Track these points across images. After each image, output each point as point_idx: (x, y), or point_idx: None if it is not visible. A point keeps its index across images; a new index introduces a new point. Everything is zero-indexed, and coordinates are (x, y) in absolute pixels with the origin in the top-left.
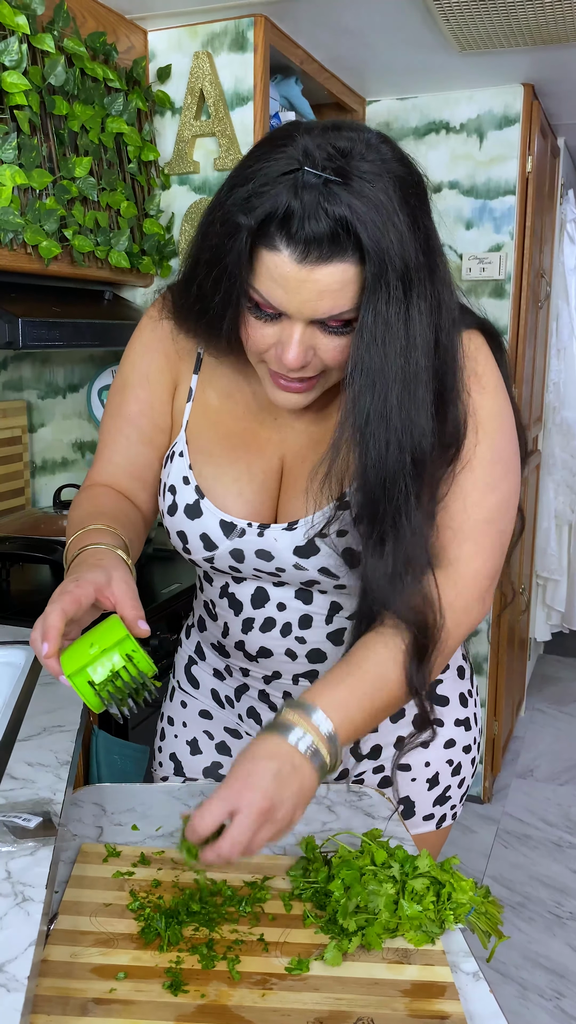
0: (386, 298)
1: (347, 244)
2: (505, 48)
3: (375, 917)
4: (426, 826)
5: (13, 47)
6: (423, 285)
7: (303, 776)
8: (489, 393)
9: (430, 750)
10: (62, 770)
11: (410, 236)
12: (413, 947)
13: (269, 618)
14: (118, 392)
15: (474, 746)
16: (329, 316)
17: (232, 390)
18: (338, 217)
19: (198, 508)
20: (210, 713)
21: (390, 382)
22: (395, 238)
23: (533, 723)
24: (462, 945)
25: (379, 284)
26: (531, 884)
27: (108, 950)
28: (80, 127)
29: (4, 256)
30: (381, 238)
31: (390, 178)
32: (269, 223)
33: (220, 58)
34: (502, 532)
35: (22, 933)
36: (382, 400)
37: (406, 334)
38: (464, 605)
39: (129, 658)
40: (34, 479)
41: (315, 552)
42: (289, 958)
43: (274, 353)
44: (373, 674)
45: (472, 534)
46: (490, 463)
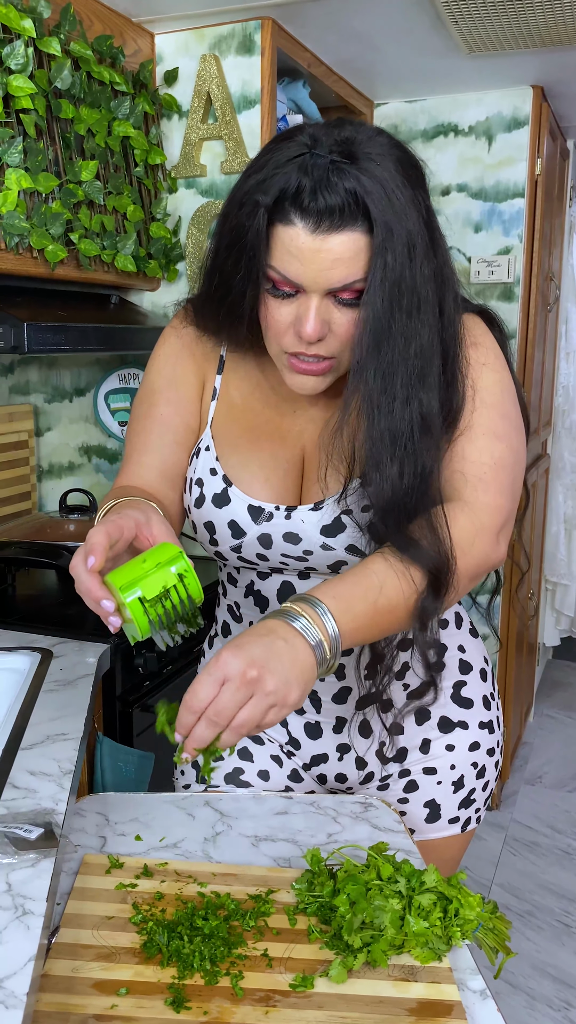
0: (392, 262)
1: (357, 214)
2: (514, 50)
3: (381, 933)
4: (451, 829)
5: (19, 51)
6: (425, 253)
7: (298, 651)
8: (489, 366)
9: (455, 753)
10: (65, 780)
11: (412, 209)
12: (419, 964)
13: None
14: (146, 398)
15: (497, 749)
16: (343, 284)
17: (253, 387)
18: (347, 189)
19: (226, 496)
20: None
21: (397, 339)
22: (399, 209)
23: (542, 729)
24: (469, 962)
25: (385, 249)
26: (539, 892)
27: (110, 965)
28: (86, 131)
29: (9, 260)
30: (386, 208)
31: (392, 159)
32: (283, 200)
33: (227, 61)
34: (512, 479)
35: (22, 948)
36: (390, 356)
37: (412, 294)
38: (473, 530)
39: (181, 579)
40: (40, 483)
41: (341, 530)
42: (293, 974)
43: (292, 332)
44: (381, 572)
45: (481, 476)
46: (499, 417)
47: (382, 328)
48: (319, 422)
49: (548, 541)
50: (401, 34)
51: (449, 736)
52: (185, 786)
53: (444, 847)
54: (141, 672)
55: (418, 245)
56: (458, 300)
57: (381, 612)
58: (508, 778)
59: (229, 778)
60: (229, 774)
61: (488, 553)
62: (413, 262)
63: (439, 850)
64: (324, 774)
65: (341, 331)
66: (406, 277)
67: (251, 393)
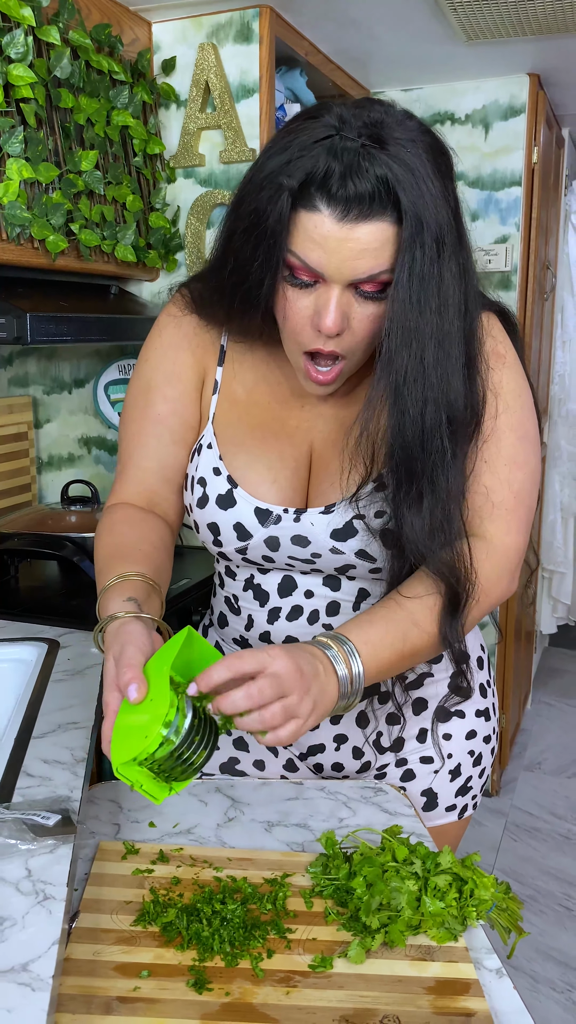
0: (421, 257)
1: (386, 202)
2: (511, 38)
3: (398, 914)
4: (448, 817)
5: (19, 39)
6: (454, 248)
7: (329, 685)
8: (510, 370)
9: (452, 742)
10: (78, 767)
11: (442, 200)
12: (436, 944)
13: (296, 606)
14: (141, 395)
15: (493, 736)
16: (368, 276)
17: (259, 380)
18: (378, 176)
19: (231, 498)
20: None
21: (425, 339)
22: (430, 201)
23: (540, 716)
24: (484, 942)
25: (415, 243)
26: (541, 877)
27: (130, 948)
28: (86, 120)
29: (11, 251)
30: (417, 199)
31: (423, 145)
32: (309, 184)
33: (225, 49)
34: (529, 508)
35: (45, 932)
36: (418, 357)
37: (439, 293)
38: (496, 575)
39: (176, 731)
40: (40, 475)
41: (353, 535)
42: (312, 955)
43: (311, 327)
44: (406, 619)
45: (503, 511)
46: (519, 439)
47: (410, 325)
48: (329, 418)
49: (545, 529)
50: (399, 21)
51: (446, 725)
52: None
53: (441, 834)
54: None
55: (447, 239)
56: (477, 296)
57: (404, 657)
58: (507, 765)
59: (224, 767)
60: (224, 763)
61: (505, 593)
62: (442, 256)
63: (436, 837)
64: (320, 763)
65: (360, 326)
66: (435, 272)
67: (256, 386)
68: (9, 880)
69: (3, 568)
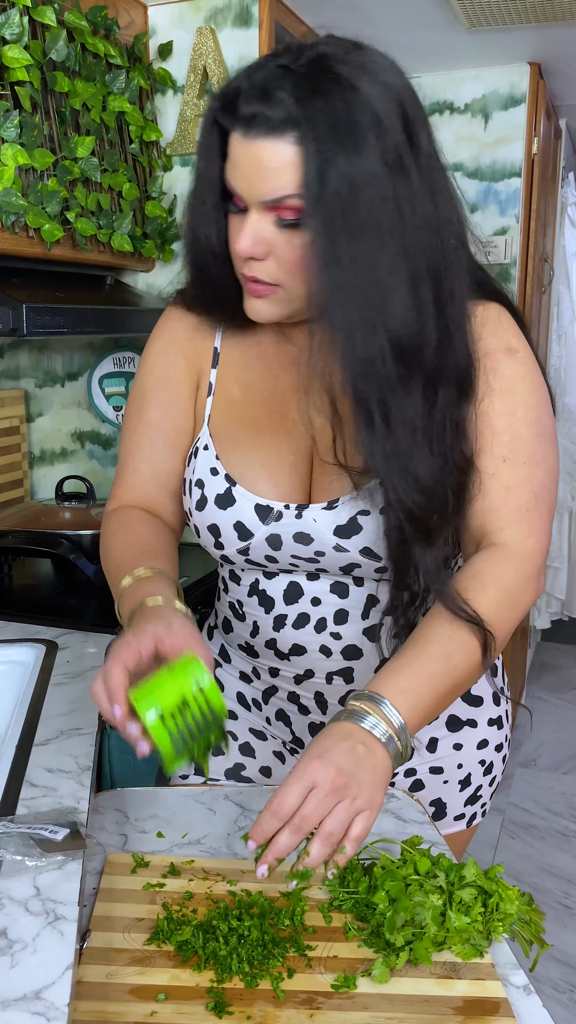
0: (333, 181)
1: (290, 123)
2: (513, 25)
3: (422, 931)
4: (456, 825)
5: (14, 20)
6: (390, 178)
7: (377, 756)
8: (523, 365)
9: (462, 752)
10: (84, 776)
11: (368, 130)
12: (461, 961)
13: (303, 614)
14: (137, 399)
15: (505, 743)
16: (273, 198)
17: (253, 379)
18: (288, 94)
19: (230, 496)
20: (235, 713)
21: (348, 266)
22: (346, 125)
23: (535, 712)
24: (510, 957)
25: (323, 167)
26: (539, 875)
27: (145, 969)
28: (82, 105)
29: (5, 239)
30: (329, 122)
31: (360, 71)
32: (227, 106)
33: (223, 34)
34: (550, 507)
35: (57, 955)
36: (339, 282)
37: (359, 216)
38: (522, 584)
39: (202, 692)
40: (32, 470)
41: (357, 531)
42: (334, 974)
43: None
44: (439, 657)
45: (524, 512)
46: (537, 436)
47: (325, 251)
48: (327, 413)
49: None
50: (401, 7)
51: (457, 735)
52: (183, 776)
53: (449, 842)
54: None
55: (375, 168)
56: (462, 241)
57: (448, 691)
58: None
59: (230, 773)
60: (230, 769)
61: (534, 597)
62: (364, 183)
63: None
64: None
65: (283, 255)
66: (352, 197)
67: (251, 384)
68: (18, 899)
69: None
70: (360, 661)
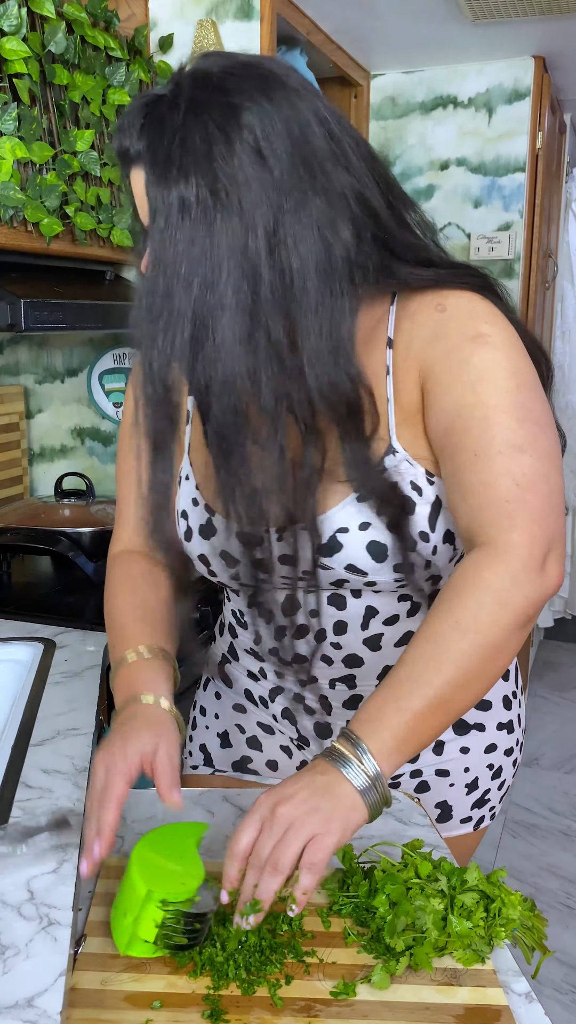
0: (158, 197)
1: (137, 151)
2: (517, 18)
3: (423, 936)
4: (463, 829)
5: (12, 11)
6: (221, 211)
7: (334, 783)
8: (495, 349)
9: (469, 756)
10: (80, 777)
11: (203, 162)
12: (462, 967)
13: (302, 625)
14: (125, 429)
15: (516, 747)
16: (147, 221)
17: None
18: (134, 127)
19: (211, 527)
20: (244, 707)
21: (146, 291)
22: (176, 144)
23: (536, 710)
24: (511, 963)
25: (156, 185)
26: (541, 875)
27: (140, 975)
28: (81, 98)
29: (4, 234)
30: (161, 147)
31: (202, 79)
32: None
33: (225, 27)
34: (545, 494)
35: (50, 961)
36: (141, 308)
37: (156, 245)
38: (508, 582)
39: (164, 902)
40: (32, 467)
41: (338, 549)
42: (333, 981)
43: None
44: (406, 679)
45: (503, 505)
46: (518, 422)
47: (157, 260)
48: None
49: None
50: (404, 0)
51: (464, 738)
52: (193, 767)
53: (455, 846)
54: None
55: (201, 193)
56: (331, 299)
57: (439, 714)
58: None
59: (237, 766)
60: (237, 762)
61: (535, 591)
62: (191, 207)
63: (451, 848)
64: None
65: None
66: (177, 216)
67: None
68: (11, 903)
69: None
70: (362, 668)
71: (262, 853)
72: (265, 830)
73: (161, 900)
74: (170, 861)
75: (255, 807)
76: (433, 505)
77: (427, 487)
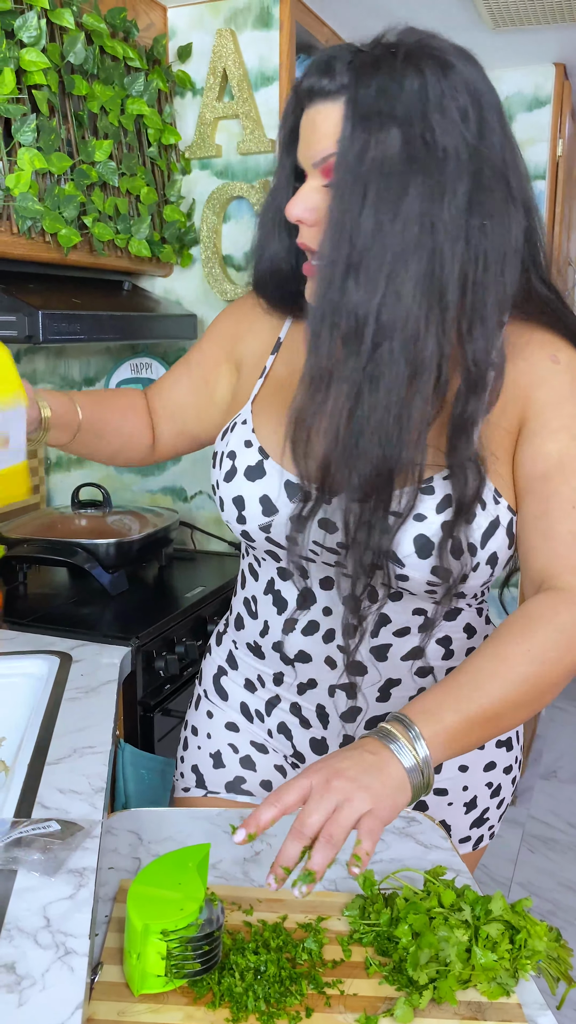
0: (371, 145)
1: (343, 87)
2: (538, 25)
3: (446, 968)
4: (462, 848)
5: (32, 22)
6: (425, 169)
7: (386, 763)
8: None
9: (468, 774)
10: (96, 798)
11: (417, 103)
12: (487, 1000)
13: (313, 621)
14: (194, 345)
15: (515, 765)
16: (321, 157)
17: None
18: (341, 67)
19: (261, 469)
20: (237, 725)
21: (362, 238)
22: (388, 91)
23: (553, 722)
24: (536, 996)
25: (364, 128)
26: (560, 890)
27: (158, 1006)
28: (100, 108)
29: (22, 245)
30: (378, 90)
31: (426, 60)
32: (298, 88)
33: (244, 36)
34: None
35: (67, 993)
36: (350, 252)
37: (386, 181)
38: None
39: (164, 933)
40: (49, 477)
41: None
42: (355, 1014)
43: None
44: (467, 683)
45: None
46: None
47: (345, 215)
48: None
49: None
50: (424, 7)
51: (462, 757)
52: (184, 789)
53: None
54: (162, 675)
55: (412, 139)
56: (507, 288)
57: (488, 725)
58: (524, 773)
59: (230, 786)
60: (230, 782)
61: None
62: (391, 160)
63: None
64: None
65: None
66: (380, 159)
67: (300, 370)
68: (27, 931)
69: (10, 575)
70: (365, 678)
71: (309, 821)
72: (314, 800)
73: (161, 931)
74: (167, 890)
75: (306, 773)
76: (491, 524)
77: (492, 504)
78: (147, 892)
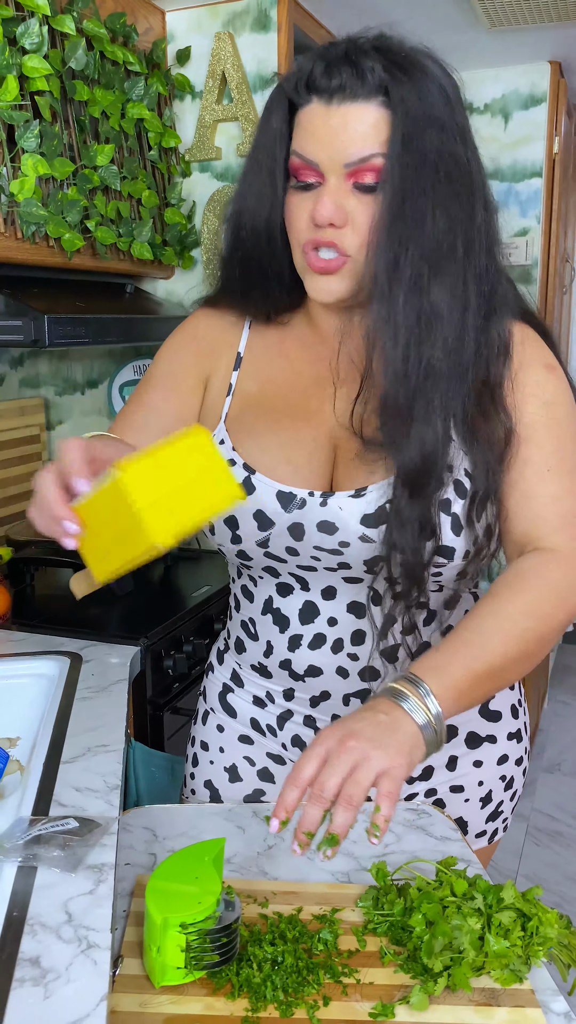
0: (419, 144)
1: (373, 87)
2: (534, 24)
3: (461, 955)
4: (478, 843)
5: (34, 29)
6: (457, 174)
7: (400, 722)
8: (564, 382)
9: (483, 769)
10: (112, 795)
11: (440, 103)
12: (500, 987)
13: (319, 634)
14: (142, 385)
15: (525, 756)
16: (359, 158)
17: (274, 375)
18: (368, 65)
19: (249, 485)
20: (251, 739)
21: (418, 235)
22: (423, 91)
23: (557, 716)
24: (549, 982)
25: (411, 127)
26: (566, 884)
27: (179, 997)
28: (101, 113)
29: (26, 250)
30: (409, 86)
31: (428, 61)
32: (301, 85)
33: (242, 39)
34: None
35: (91, 986)
36: (406, 252)
37: (435, 172)
38: (570, 585)
39: (183, 926)
40: None
41: (384, 521)
42: (371, 1002)
43: (310, 222)
44: (490, 649)
45: (571, 519)
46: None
47: (401, 213)
48: (350, 402)
49: None
50: (421, 8)
51: (477, 752)
52: (192, 791)
53: None
54: (171, 674)
55: (446, 136)
56: (498, 245)
57: (493, 689)
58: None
59: (249, 799)
60: (249, 795)
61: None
62: (437, 144)
63: None
64: None
65: (360, 220)
66: (432, 161)
67: (271, 380)
68: (50, 926)
69: (18, 577)
70: (379, 683)
71: (327, 784)
72: (331, 763)
73: (180, 924)
74: (185, 884)
75: (319, 739)
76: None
77: (467, 483)
78: (165, 886)
